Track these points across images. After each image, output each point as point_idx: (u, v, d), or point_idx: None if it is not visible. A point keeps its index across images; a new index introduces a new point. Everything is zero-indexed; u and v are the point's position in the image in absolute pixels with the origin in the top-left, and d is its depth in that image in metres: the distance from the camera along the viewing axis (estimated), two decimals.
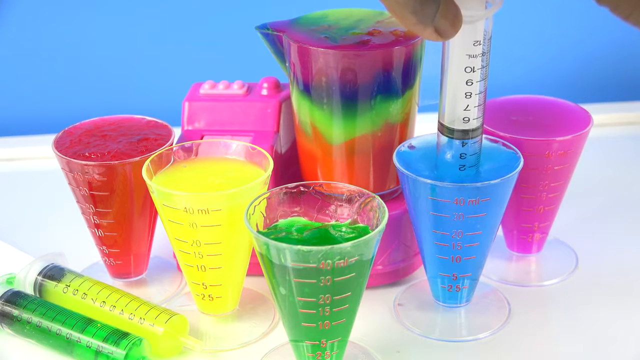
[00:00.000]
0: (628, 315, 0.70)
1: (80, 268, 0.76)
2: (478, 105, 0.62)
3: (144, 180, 0.65)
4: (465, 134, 0.62)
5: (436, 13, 0.53)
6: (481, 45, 0.60)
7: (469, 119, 0.62)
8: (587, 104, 0.78)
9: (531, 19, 1.06)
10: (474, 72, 0.60)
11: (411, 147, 0.67)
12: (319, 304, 0.57)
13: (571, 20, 1.07)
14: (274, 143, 0.73)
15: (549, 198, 0.72)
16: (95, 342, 0.64)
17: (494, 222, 0.65)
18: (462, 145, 0.62)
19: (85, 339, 0.65)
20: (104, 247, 0.73)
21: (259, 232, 0.60)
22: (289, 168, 0.77)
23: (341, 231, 0.60)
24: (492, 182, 0.62)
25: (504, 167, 0.64)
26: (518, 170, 0.64)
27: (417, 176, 0.63)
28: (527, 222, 0.73)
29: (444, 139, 0.63)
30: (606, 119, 1.02)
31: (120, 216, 0.70)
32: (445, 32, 0.54)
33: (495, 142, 0.67)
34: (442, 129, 0.63)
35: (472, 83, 0.61)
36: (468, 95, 0.61)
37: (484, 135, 0.65)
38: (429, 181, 0.62)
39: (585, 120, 0.72)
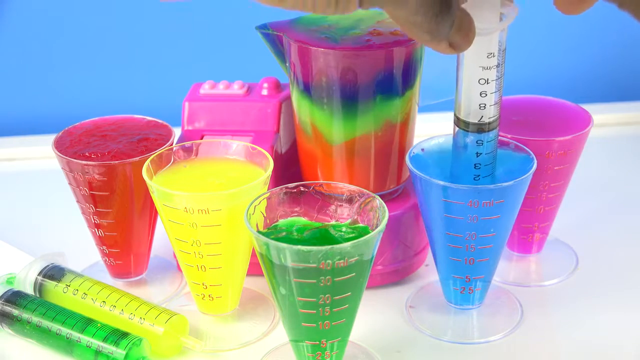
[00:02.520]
0: (628, 315, 0.70)
1: (80, 268, 0.76)
2: (491, 120, 0.61)
3: (144, 180, 0.65)
4: (480, 146, 0.62)
5: (451, 28, 0.52)
6: (495, 57, 0.59)
7: (484, 128, 0.62)
8: (587, 104, 0.78)
9: (531, 19, 1.06)
10: (487, 83, 0.60)
11: (422, 149, 0.67)
12: (319, 304, 0.57)
13: (571, 21, 1.06)
14: (274, 143, 0.73)
15: (549, 198, 0.72)
16: (95, 342, 0.64)
17: (508, 224, 0.65)
18: (476, 166, 0.62)
19: (85, 338, 0.65)
20: (104, 247, 0.73)
21: (259, 232, 0.60)
22: (289, 168, 0.77)
23: (341, 231, 0.60)
24: (507, 183, 0.62)
25: (518, 169, 0.64)
26: (532, 172, 0.64)
27: (431, 178, 0.63)
28: (527, 222, 0.73)
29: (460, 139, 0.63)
30: (606, 119, 1.02)
31: (121, 216, 0.70)
32: (460, 46, 0.53)
33: (507, 143, 0.67)
34: (458, 121, 0.63)
35: (486, 95, 0.60)
36: (482, 106, 0.61)
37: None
38: (443, 183, 0.62)
39: (585, 121, 0.72)
